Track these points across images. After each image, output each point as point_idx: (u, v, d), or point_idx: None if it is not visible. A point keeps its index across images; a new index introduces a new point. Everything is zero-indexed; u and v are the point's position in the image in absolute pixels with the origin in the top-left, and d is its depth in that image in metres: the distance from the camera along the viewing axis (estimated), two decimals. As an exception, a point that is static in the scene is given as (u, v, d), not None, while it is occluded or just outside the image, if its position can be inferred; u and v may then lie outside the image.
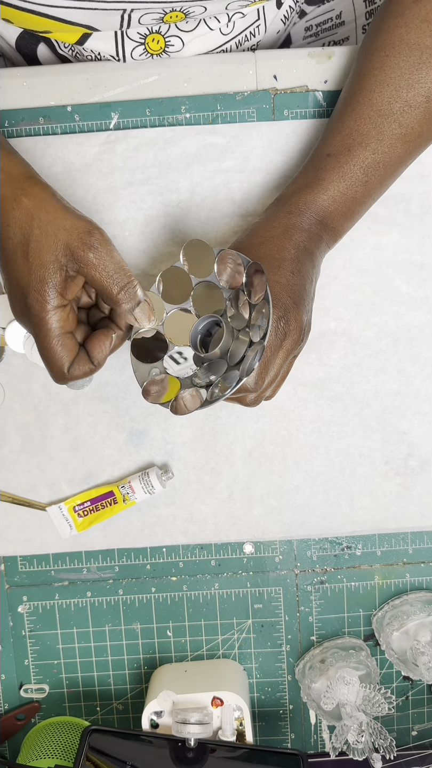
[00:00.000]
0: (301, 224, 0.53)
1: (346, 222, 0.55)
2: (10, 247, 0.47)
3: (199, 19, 0.58)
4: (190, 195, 0.61)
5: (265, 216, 0.54)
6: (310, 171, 0.54)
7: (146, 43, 0.57)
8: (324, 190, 0.53)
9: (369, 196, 0.54)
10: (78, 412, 0.63)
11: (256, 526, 0.64)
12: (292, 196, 0.54)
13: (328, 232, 0.54)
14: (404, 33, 0.52)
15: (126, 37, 0.57)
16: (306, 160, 0.56)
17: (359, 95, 0.53)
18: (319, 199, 0.53)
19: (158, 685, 0.62)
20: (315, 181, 0.53)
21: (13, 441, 0.63)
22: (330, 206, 0.53)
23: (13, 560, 0.65)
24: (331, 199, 0.53)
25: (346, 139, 0.53)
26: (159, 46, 0.58)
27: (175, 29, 0.58)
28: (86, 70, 0.60)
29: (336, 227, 0.54)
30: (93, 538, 0.64)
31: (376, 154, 0.53)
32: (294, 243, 0.52)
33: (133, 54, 0.58)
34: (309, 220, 0.53)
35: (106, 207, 0.61)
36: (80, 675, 0.66)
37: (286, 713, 0.66)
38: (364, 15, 0.69)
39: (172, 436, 0.63)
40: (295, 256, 0.52)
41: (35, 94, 0.60)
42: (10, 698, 0.66)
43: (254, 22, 0.62)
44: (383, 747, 0.56)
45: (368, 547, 0.65)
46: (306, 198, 0.53)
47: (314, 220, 0.53)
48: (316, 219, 0.53)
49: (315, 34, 0.71)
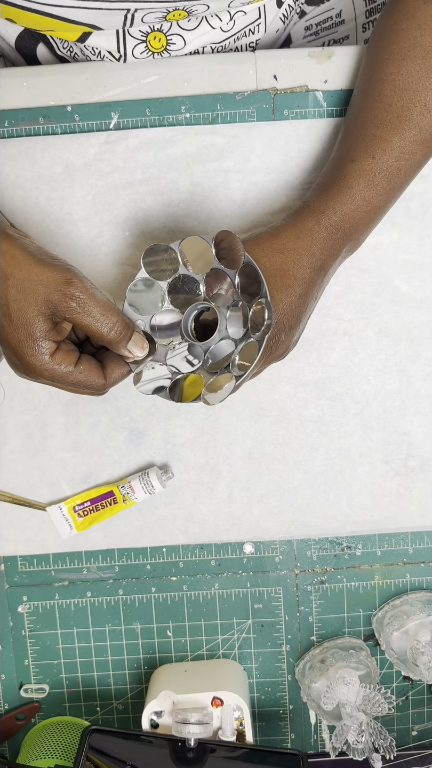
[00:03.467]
0: (327, 238, 0.52)
1: (366, 231, 0.54)
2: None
3: (201, 18, 0.58)
4: (190, 195, 0.61)
5: (291, 221, 0.53)
6: (337, 179, 0.53)
7: (148, 41, 0.57)
8: (351, 199, 0.52)
9: (389, 203, 0.54)
10: (78, 412, 0.63)
11: (256, 526, 0.64)
12: (320, 204, 0.53)
13: (350, 243, 0.54)
14: (419, 36, 0.52)
15: (128, 34, 0.57)
16: (327, 165, 0.55)
17: (378, 101, 0.53)
18: (345, 208, 0.52)
19: (158, 685, 0.62)
20: (342, 189, 0.52)
21: (13, 441, 0.63)
22: (356, 215, 0.53)
23: (13, 560, 0.65)
24: (357, 208, 0.52)
25: (370, 146, 0.52)
26: (161, 44, 0.58)
27: (177, 28, 0.58)
28: (86, 70, 0.60)
29: (358, 237, 0.54)
30: (93, 538, 0.64)
31: (399, 161, 0.52)
32: (312, 261, 0.51)
33: (134, 52, 0.58)
34: (334, 231, 0.52)
35: (106, 207, 0.61)
36: (80, 675, 0.66)
37: (286, 713, 0.66)
38: (364, 14, 0.69)
39: (172, 436, 0.63)
40: (309, 276, 0.51)
41: (35, 94, 0.60)
42: (10, 698, 0.66)
43: (255, 21, 0.62)
44: (383, 747, 0.56)
45: (368, 547, 0.65)
46: (334, 206, 0.52)
47: (339, 231, 0.52)
48: (342, 229, 0.52)
49: (315, 33, 0.71)
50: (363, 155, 0.52)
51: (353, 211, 0.52)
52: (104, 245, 0.61)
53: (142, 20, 0.54)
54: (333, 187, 0.53)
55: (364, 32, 0.70)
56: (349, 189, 0.52)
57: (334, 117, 0.60)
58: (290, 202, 0.61)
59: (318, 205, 0.53)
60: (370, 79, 0.54)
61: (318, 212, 0.52)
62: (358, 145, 0.53)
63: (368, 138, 0.52)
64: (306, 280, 0.51)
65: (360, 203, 0.52)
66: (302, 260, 0.51)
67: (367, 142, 0.52)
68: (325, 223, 0.52)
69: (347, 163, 0.53)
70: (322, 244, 0.52)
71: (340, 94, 0.60)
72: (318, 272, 0.52)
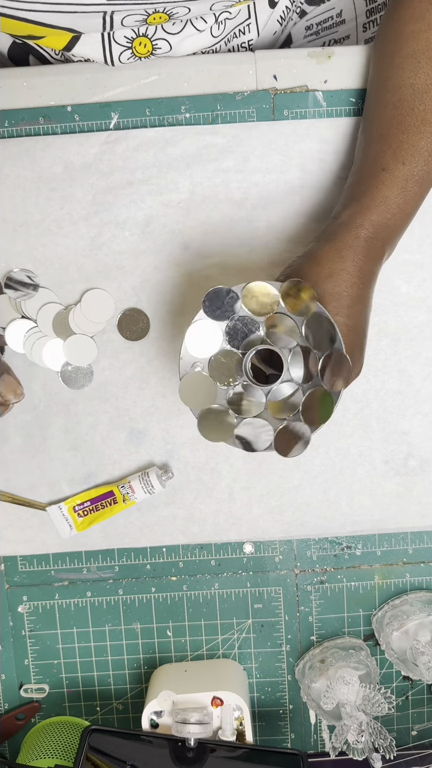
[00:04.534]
0: (369, 249, 0.51)
1: (401, 236, 0.54)
2: None
3: (185, 21, 0.57)
4: (190, 195, 0.61)
5: (328, 242, 0.51)
6: (368, 189, 0.52)
7: (133, 47, 0.57)
8: (387, 209, 0.51)
9: (418, 208, 0.53)
10: (78, 412, 0.63)
11: (256, 526, 0.64)
12: (355, 217, 0.51)
13: (389, 249, 0.53)
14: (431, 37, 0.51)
15: (113, 41, 0.57)
16: (353, 175, 0.54)
17: (400, 106, 0.52)
18: (382, 218, 0.51)
19: (158, 685, 0.62)
20: (376, 200, 0.51)
21: (13, 441, 0.63)
22: (392, 223, 0.52)
23: (13, 560, 0.65)
24: (393, 217, 0.52)
25: (398, 153, 0.51)
26: (146, 50, 0.57)
27: (162, 32, 0.57)
28: (86, 70, 0.60)
29: (395, 243, 0.53)
30: (93, 538, 0.64)
31: (428, 164, 0.51)
32: (361, 276, 0.51)
33: (121, 58, 0.58)
34: (374, 241, 0.51)
35: (106, 207, 0.61)
36: (80, 675, 0.66)
37: (286, 713, 0.66)
38: (365, 13, 0.69)
39: (172, 436, 0.63)
40: (362, 291, 0.51)
41: (35, 94, 0.60)
42: (10, 698, 0.66)
43: (244, 21, 0.62)
44: (383, 747, 0.56)
45: (368, 547, 0.65)
46: (370, 218, 0.51)
47: (378, 240, 0.52)
48: (380, 238, 0.52)
49: (315, 33, 0.71)
50: (392, 163, 0.51)
51: (389, 220, 0.52)
52: (104, 245, 0.61)
53: (122, 23, 0.53)
54: (366, 198, 0.52)
55: (364, 32, 0.70)
56: (383, 199, 0.51)
57: (334, 117, 0.60)
58: (290, 201, 0.61)
59: (353, 219, 0.51)
60: (386, 84, 0.53)
61: (355, 226, 0.51)
62: (386, 152, 0.52)
63: (395, 145, 0.52)
64: (360, 296, 0.51)
65: (395, 211, 0.52)
66: (352, 278, 0.50)
67: (395, 149, 0.52)
68: (364, 236, 0.51)
69: (377, 172, 0.52)
70: (365, 256, 0.51)
71: (340, 94, 0.60)
72: (368, 284, 0.51)
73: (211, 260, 0.61)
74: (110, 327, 0.62)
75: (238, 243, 0.61)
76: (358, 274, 0.50)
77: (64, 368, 0.62)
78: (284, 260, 0.61)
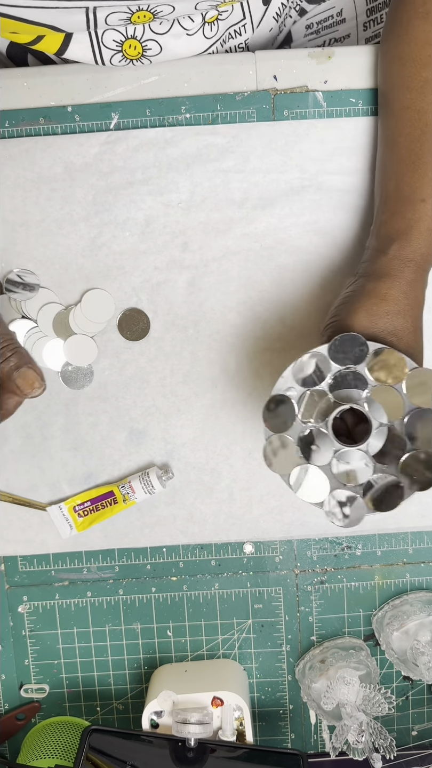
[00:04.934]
0: (423, 280, 0.52)
1: None
2: None
3: (172, 20, 0.57)
4: (190, 195, 0.61)
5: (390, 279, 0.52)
6: (413, 222, 0.52)
7: (123, 49, 0.57)
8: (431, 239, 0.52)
9: None
10: (78, 412, 0.63)
11: (256, 526, 0.64)
12: (405, 252, 0.52)
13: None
14: None
15: (102, 45, 0.57)
16: (388, 205, 0.54)
17: (429, 132, 0.52)
18: (427, 249, 0.52)
19: (158, 685, 0.62)
20: (422, 231, 0.52)
21: (13, 441, 0.63)
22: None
23: (13, 560, 0.65)
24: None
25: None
26: (136, 52, 0.57)
27: (150, 32, 0.57)
28: (86, 70, 0.60)
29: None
30: (93, 538, 0.64)
31: None
32: (419, 303, 0.52)
33: (112, 61, 0.58)
34: (425, 272, 0.52)
35: (106, 207, 0.61)
36: (80, 675, 0.66)
37: (286, 713, 0.66)
38: (365, 12, 0.69)
39: (172, 436, 0.63)
40: (421, 316, 0.52)
41: (35, 94, 0.60)
42: (10, 698, 0.66)
43: (239, 21, 0.62)
44: (383, 747, 0.56)
45: (368, 547, 0.65)
46: (420, 250, 0.52)
47: (425, 272, 0.53)
48: (426, 270, 0.53)
49: (316, 32, 0.71)
50: (430, 191, 0.52)
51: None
52: (104, 245, 0.61)
53: (107, 21, 0.53)
54: (413, 232, 0.52)
55: (365, 31, 0.70)
56: (429, 231, 0.52)
57: (334, 117, 0.60)
58: (290, 201, 0.61)
59: (404, 254, 0.52)
60: (409, 108, 0.53)
61: (408, 260, 0.52)
62: (423, 181, 0.52)
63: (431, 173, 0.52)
64: (420, 320, 0.52)
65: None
66: (418, 311, 0.52)
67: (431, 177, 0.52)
68: (419, 269, 0.52)
69: (417, 203, 0.52)
70: (422, 287, 0.52)
71: (340, 94, 0.60)
72: (421, 309, 0.52)
73: (212, 261, 0.61)
74: (110, 327, 0.62)
75: (238, 243, 0.61)
76: (420, 306, 0.52)
77: (64, 368, 0.62)
78: (284, 260, 0.61)
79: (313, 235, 0.61)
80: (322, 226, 0.61)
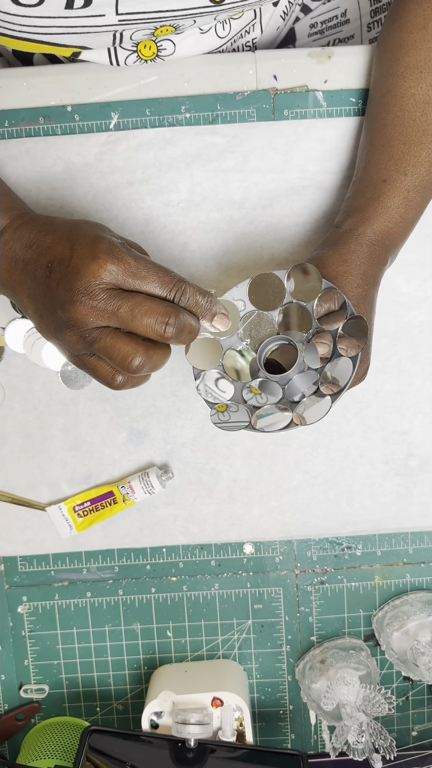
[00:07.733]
0: (371, 255, 0.52)
1: (403, 244, 0.55)
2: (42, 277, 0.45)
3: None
4: (190, 195, 0.61)
5: (332, 248, 0.52)
6: (371, 200, 0.53)
7: (138, 50, 0.57)
8: (389, 218, 0.53)
9: (419, 216, 0.55)
10: (78, 412, 0.63)
11: (256, 526, 0.64)
12: (357, 226, 0.53)
13: (391, 256, 0.54)
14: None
15: (119, 48, 0.57)
16: (355, 185, 0.55)
17: (401, 117, 0.52)
18: (384, 227, 0.53)
19: (158, 686, 0.62)
20: (378, 210, 0.53)
21: (13, 441, 0.63)
22: (395, 232, 0.53)
23: (13, 560, 0.65)
24: (395, 225, 0.53)
25: (400, 164, 0.52)
26: (151, 52, 0.58)
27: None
28: (86, 70, 0.60)
29: (397, 250, 0.55)
30: (93, 538, 0.64)
31: (430, 174, 0.52)
32: (365, 278, 0.52)
33: (127, 61, 0.58)
34: (379, 249, 0.53)
35: (106, 207, 0.61)
36: (80, 675, 0.66)
37: (286, 713, 0.66)
38: (369, 13, 0.69)
39: (172, 436, 0.63)
40: (366, 293, 0.52)
41: (35, 94, 0.60)
42: (10, 698, 0.66)
43: (251, 21, 0.62)
44: (383, 747, 0.56)
45: (368, 548, 0.65)
46: (372, 227, 0.52)
47: (381, 247, 0.53)
48: (383, 245, 0.53)
49: (320, 32, 0.71)
50: (395, 174, 0.52)
51: (391, 229, 0.53)
52: (104, 245, 0.61)
53: (131, 38, 0.54)
54: (368, 209, 0.53)
55: (369, 32, 0.70)
56: (385, 209, 0.52)
57: (334, 117, 0.60)
58: (290, 201, 0.61)
59: (356, 228, 0.53)
60: (388, 93, 0.54)
61: (357, 234, 0.52)
62: (388, 163, 0.53)
63: (397, 156, 0.52)
64: (365, 297, 0.52)
65: (397, 220, 0.53)
66: (356, 280, 0.51)
67: (397, 160, 0.52)
68: (366, 242, 0.52)
69: (379, 183, 0.53)
70: (368, 260, 0.52)
71: (340, 94, 0.60)
72: (372, 287, 0.52)
73: (212, 260, 0.61)
74: (110, 327, 0.62)
75: (238, 243, 0.61)
76: (362, 276, 0.51)
77: (64, 368, 0.62)
78: (284, 260, 0.61)
79: (312, 234, 0.61)
80: (322, 225, 0.61)
